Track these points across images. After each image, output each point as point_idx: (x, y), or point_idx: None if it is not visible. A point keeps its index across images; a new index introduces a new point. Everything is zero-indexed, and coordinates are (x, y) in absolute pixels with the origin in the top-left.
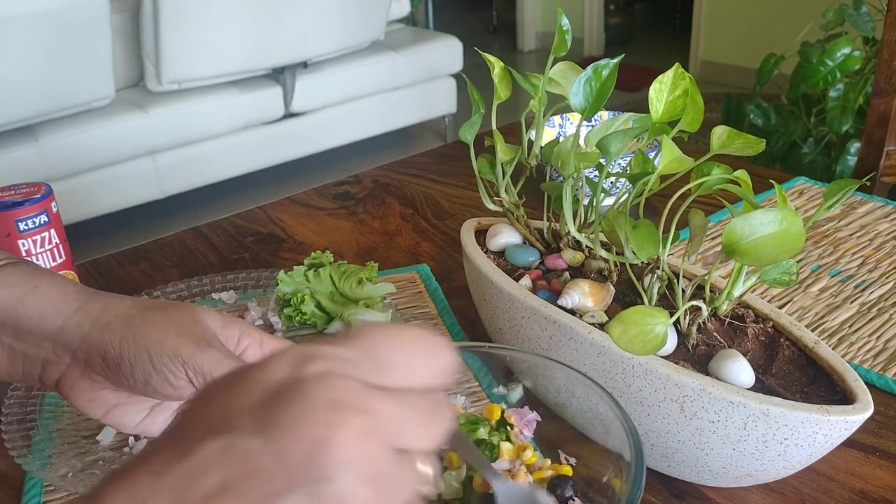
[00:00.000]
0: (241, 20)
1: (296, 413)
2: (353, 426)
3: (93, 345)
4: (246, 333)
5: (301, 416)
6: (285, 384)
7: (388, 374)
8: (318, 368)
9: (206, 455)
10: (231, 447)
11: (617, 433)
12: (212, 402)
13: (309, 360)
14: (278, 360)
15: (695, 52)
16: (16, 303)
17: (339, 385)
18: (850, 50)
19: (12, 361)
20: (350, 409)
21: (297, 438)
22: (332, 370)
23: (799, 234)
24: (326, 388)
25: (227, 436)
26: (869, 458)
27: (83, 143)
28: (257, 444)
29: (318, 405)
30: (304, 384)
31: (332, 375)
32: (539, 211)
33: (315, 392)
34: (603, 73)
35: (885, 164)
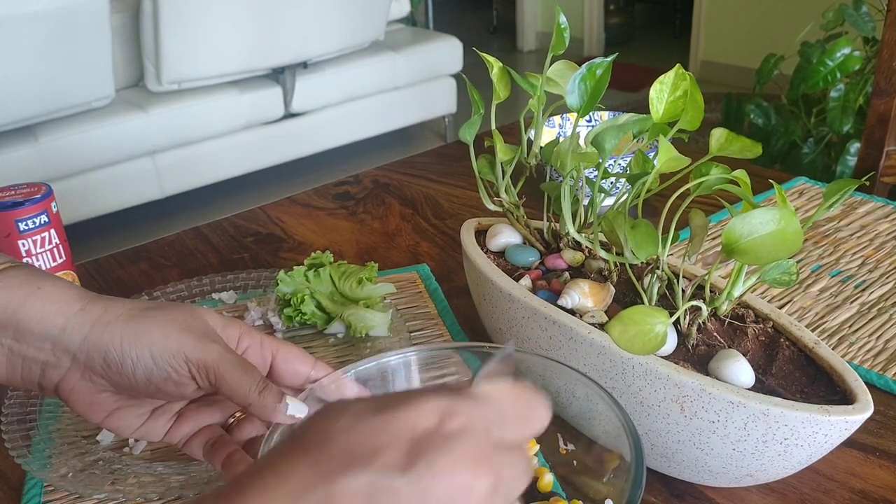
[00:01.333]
0: (241, 20)
1: (443, 462)
2: (487, 483)
3: (94, 345)
4: (246, 334)
5: (447, 465)
6: (432, 434)
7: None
8: (460, 424)
9: (351, 485)
10: (377, 482)
11: (617, 433)
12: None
13: (452, 414)
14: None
15: (695, 52)
16: (18, 305)
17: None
18: (850, 50)
19: (11, 365)
20: (486, 467)
21: (441, 483)
22: (471, 427)
23: (797, 232)
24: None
25: (372, 471)
26: (869, 458)
27: (83, 143)
28: (403, 482)
29: (463, 460)
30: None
31: (472, 433)
32: (539, 211)
33: (461, 447)
34: (597, 72)
35: (885, 164)
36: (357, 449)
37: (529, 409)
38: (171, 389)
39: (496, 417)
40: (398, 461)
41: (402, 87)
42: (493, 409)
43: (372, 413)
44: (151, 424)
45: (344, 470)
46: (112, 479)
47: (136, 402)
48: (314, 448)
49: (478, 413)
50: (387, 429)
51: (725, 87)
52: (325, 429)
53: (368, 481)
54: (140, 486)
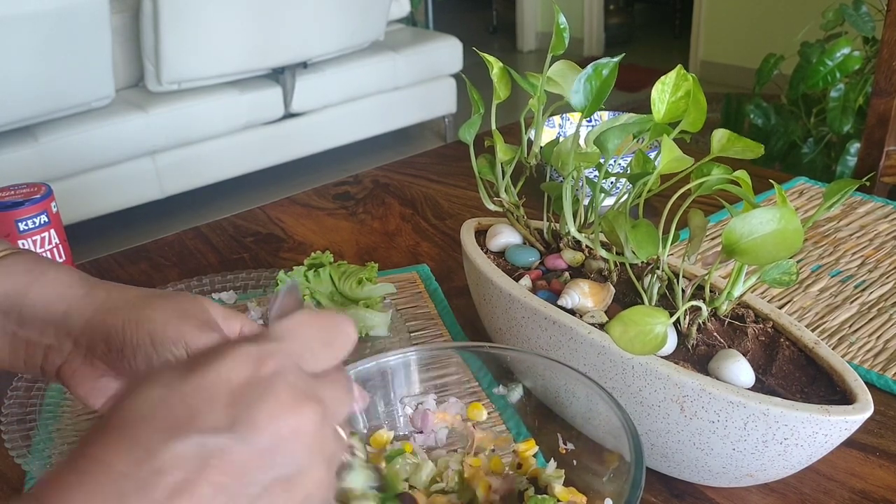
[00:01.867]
0: (241, 20)
1: (264, 411)
2: (313, 417)
3: (96, 328)
4: (247, 328)
5: (269, 413)
6: (248, 384)
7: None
8: (272, 367)
9: (176, 454)
10: (202, 445)
11: (617, 433)
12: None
13: (264, 359)
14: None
15: (695, 52)
16: (22, 290)
17: (294, 382)
18: (849, 50)
19: (14, 349)
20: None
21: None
22: (284, 367)
23: (797, 232)
24: (285, 387)
25: (196, 435)
26: (869, 458)
27: (83, 143)
28: (229, 440)
29: (285, 402)
30: (267, 383)
31: (285, 373)
32: (539, 211)
33: (276, 390)
34: (603, 72)
35: (885, 164)
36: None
37: (333, 332)
38: None
39: (304, 349)
40: (221, 420)
41: (402, 87)
42: (298, 342)
43: (182, 377)
44: None
45: (166, 440)
46: None
47: None
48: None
49: (285, 350)
50: (201, 389)
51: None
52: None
53: (195, 445)
54: None
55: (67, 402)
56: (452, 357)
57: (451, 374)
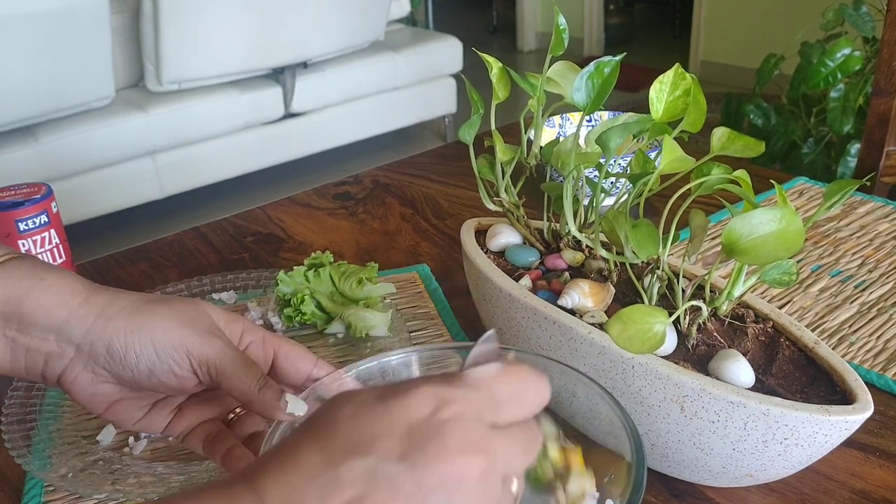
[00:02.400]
0: (241, 20)
1: (435, 450)
2: (479, 467)
3: (97, 336)
4: (249, 330)
5: (439, 453)
6: (426, 422)
7: (501, 413)
8: (452, 412)
9: (353, 469)
10: (375, 468)
11: (618, 433)
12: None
13: (446, 402)
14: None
15: (695, 52)
16: (21, 296)
17: (469, 430)
18: (850, 50)
19: (15, 356)
20: (476, 451)
21: (434, 471)
22: (463, 414)
23: (798, 232)
24: (461, 432)
25: (373, 457)
26: (869, 458)
27: (83, 143)
28: (399, 469)
29: (454, 447)
30: (443, 426)
31: (463, 420)
32: (539, 211)
33: (451, 434)
34: (605, 70)
35: (885, 164)
36: (358, 437)
37: (523, 387)
38: (172, 383)
39: (489, 400)
40: (395, 449)
41: (402, 87)
42: (484, 392)
43: (373, 402)
44: (152, 417)
45: (347, 456)
46: (112, 479)
47: (137, 394)
48: (322, 434)
49: (469, 398)
50: (385, 417)
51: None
52: (332, 416)
53: (369, 468)
54: (140, 486)
55: (67, 402)
56: (452, 357)
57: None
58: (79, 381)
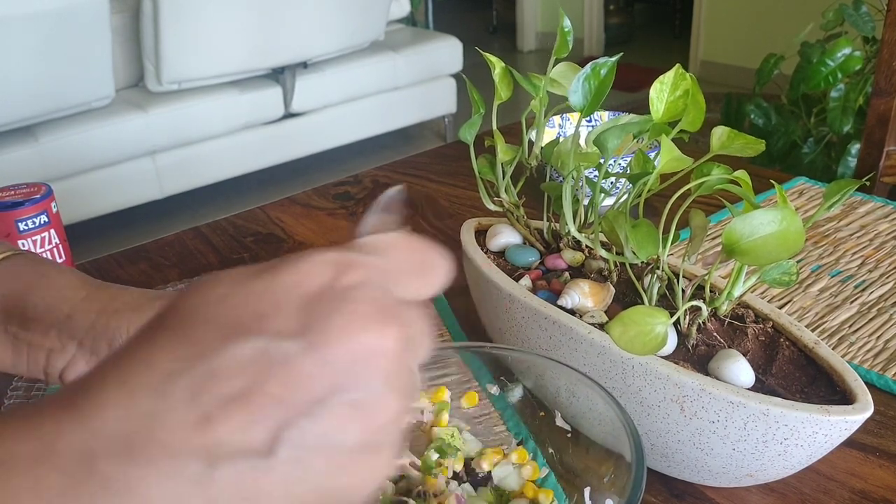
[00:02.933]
0: (241, 20)
1: (342, 321)
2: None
3: (100, 332)
4: None
5: (347, 324)
6: (326, 290)
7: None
8: (356, 277)
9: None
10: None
11: (618, 434)
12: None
13: (347, 267)
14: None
15: (695, 52)
16: (23, 292)
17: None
18: (850, 50)
19: (17, 352)
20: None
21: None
22: (369, 281)
23: (799, 232)
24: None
25: (260, 337)
26: (869, 458)
27: (83, 143)
28: (298, 347)
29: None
30: (348, 293)
31: (371, 285)
32: (539, 211)
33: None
34: (601, 72)
35: (885, 164)
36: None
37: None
38: None
39: (393, 269)
40: (289, 327)
41: (402, 87)
42: (388, 260)
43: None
44: None
45: (224, 341)
46: None
47: None
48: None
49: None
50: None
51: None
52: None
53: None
54: None
55: None
56: (452, 357)
57: (452, 374)
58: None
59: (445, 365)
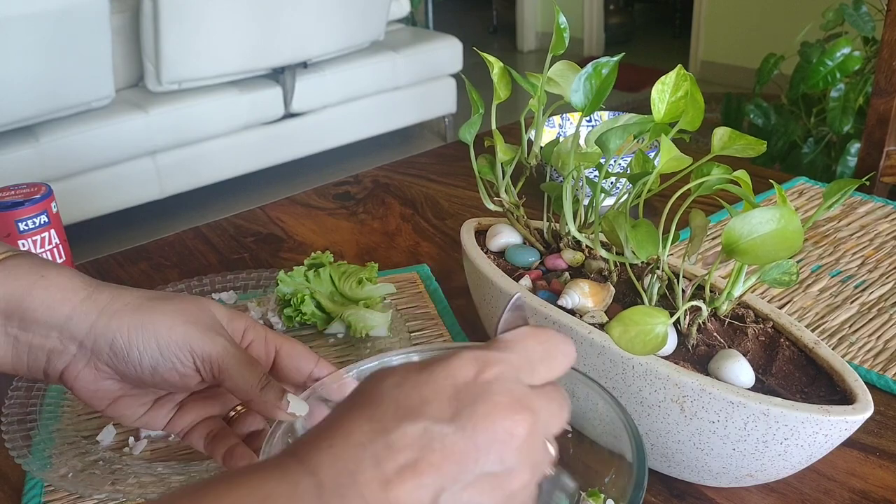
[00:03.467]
0: (241, 20)
1: (484, 410)
2: (526, 424)
3: (100, 333)
4: (251, 328)
5: (488, 412)
6: (471, 384)
7: (536, 373)
8: (495, 372)
9: (406, 434)
10: (428, 430)
11: (618, 433)
12: (403, 388)
13: (487, 364)
14: (459, 360)
15: (695, 52)
16: (23, 293)
17: (513, 389)
18: (850, 50)
19: (17, 353)
20: (521, 409)
21: (485, 429)
22: (504, 374)
23: (797, 231)
24: (506, 391)
25: (424, 421)
26: (869, 458)
27: (83, 143)
28: (450, 430)
29: (501, 405)
30: (488, 386)
31: (505, 379)
32: (539, 211)
33: (497, 394)
34: (603, 71)
35: (885, 164)
36: (407, 403)
37: (554, 348)
38: (175, 380)
39: (525, 361)
40: (444, 411)
41: (402, 87)
42: (520, 354)
43: (417, 371)
44: (154, 414)
45: (398, 422)
46: (112, 479)
47: (139, 391)
48: (369, 405)
49: (508, 360)
50: (431, 382)
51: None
52: (376, 387)
53: (421, 431)
54: (140, 486)
55: (67, 402)
56: None
57: None
58: (81, 378)
59: None
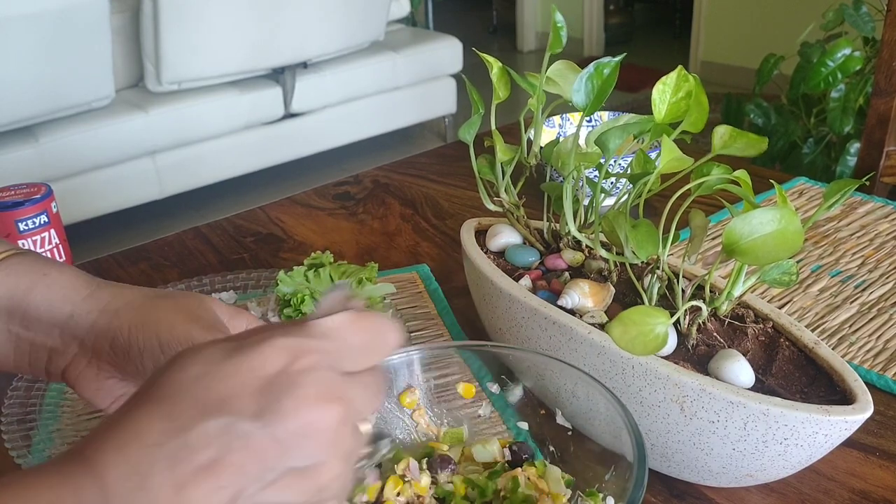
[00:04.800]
0: (241, 20)
1: (291, 403)
2: (335, 416)
3: (101, 332)
4: (252, 325)
5: (295, 406)
6: (279, 376)
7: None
8: (306, 363)
9: (205, 432)
10: (229, 427)
11: (618, 432)
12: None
13: (299, 354)
14: (270, 349)
15: (695, 52)
16: (24, 291)
17: (324, 379)
18: (850, 51)
19: (19, 351)
20: (331, 400)
21: (290, 424)
22: (317, 364)
23: (797, 232)
24: (316, 383)
25: (225, 417)
26: (869, 458)
27: (83, 143)
28: (255, 427)
29: (309, 397)
30: (297, 377)
31: (317, 370)
32: (539, 211)
33: (306, 386)
34: (604, 71)
35: (885, 165)
36: (208, 398)
37: (374, 334)
38: None
39: (341, 349)
40: (249, 407)
41: (402, 87)
42: (337, 341)
43: (221, 359)
44: None
45: (197, 419)
46: None
47: None
48: (166, 399)
49: (322, 348)
50: (236, 375)
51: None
52: (176, 378)
53: (221, 428)
54: None
55: (67, 402)
56: (453, 357)
57: (453, 373)
58: (83, 376)
59: (446, 364)
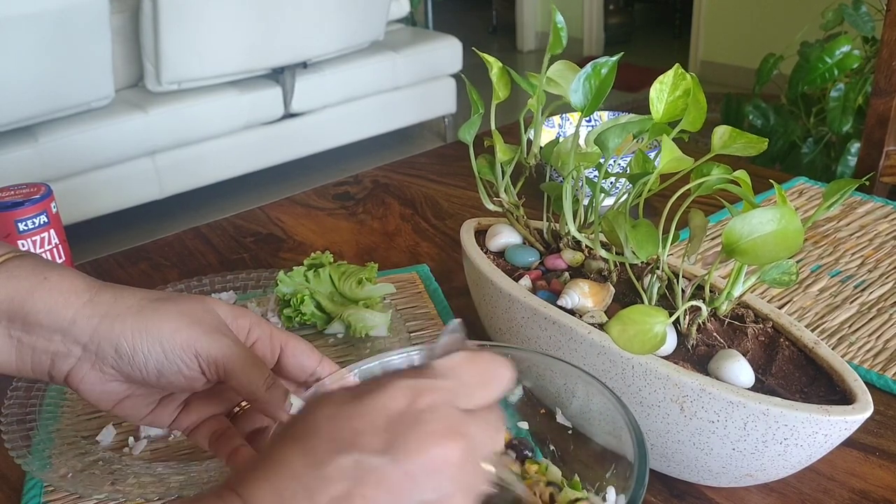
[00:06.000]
0: (241, 20)
1: (416, 439)
2: (459, 451)
3: (104, 337)
4: (255, 325)
5: (420, 442)
6: (404, 414)
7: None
8: (427, 401)
9: (339, 466)
10: (360, 462)
11: (619, 432)
12: (337, 420)
13: (420, 393)
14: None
15: (695, 52)
16: (25, 295)
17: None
18: (849, 48)
19: (21, 355)
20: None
21: (417, 459)
22: (437, 402)
23: (797, 232)
24: (438, 419)
25: (356, 453)
26: (869, 458)
27: (83, 143)
28: (384, 461)
29: (434, 433)
30: (420, 415)
31: (438, 407)
32: (539, 211)
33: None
34: (602, 71)
35: (885, 164)
36: (340, 435)
37: (489, 372)
38: (181, 382)
39: (459, 387)
40: (377, 442)
41: (402, 87)
42: (454, 380)
43: (350, 401)
44: (159, 412)
45: (331, 454)
46: (112, 479)
47: (145, 390)
48: (303, 437)
49: (441, 386)
50: (364, 414)
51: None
52: (311, 419)
53: (354, 463)
54: (140, 486)
55: (67, 403)
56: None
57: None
58: (87, 380)
59: None
